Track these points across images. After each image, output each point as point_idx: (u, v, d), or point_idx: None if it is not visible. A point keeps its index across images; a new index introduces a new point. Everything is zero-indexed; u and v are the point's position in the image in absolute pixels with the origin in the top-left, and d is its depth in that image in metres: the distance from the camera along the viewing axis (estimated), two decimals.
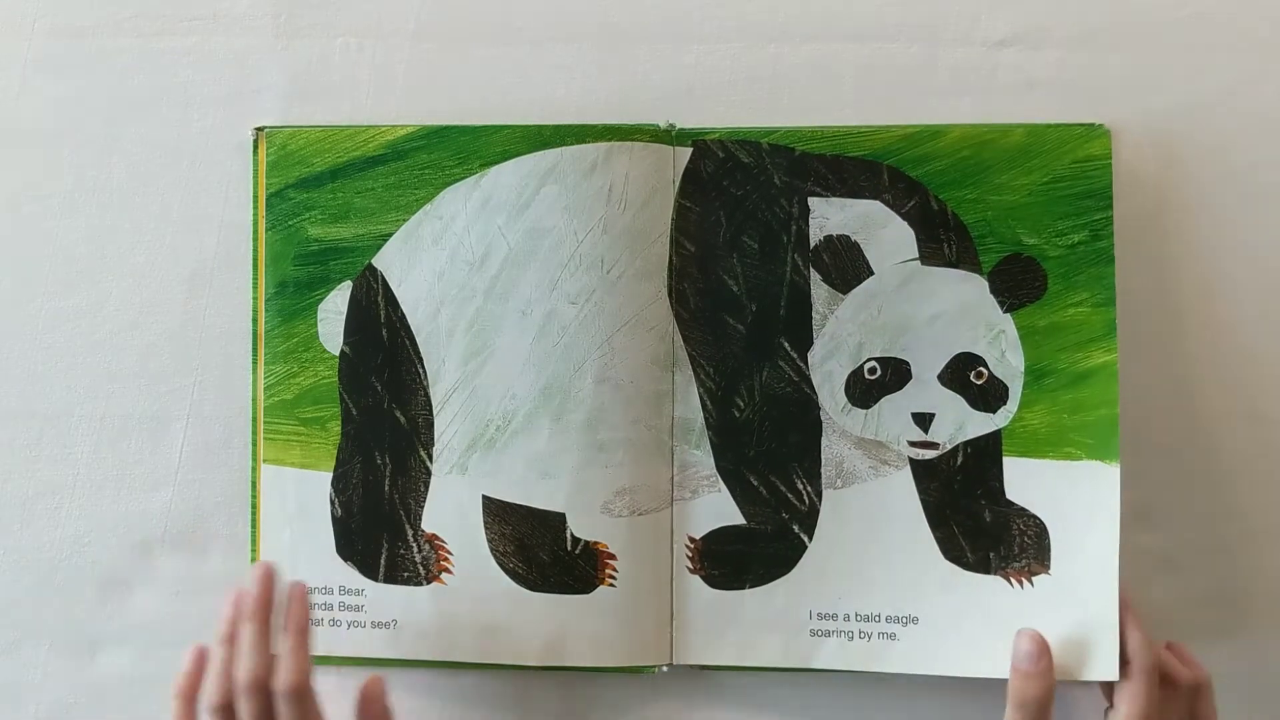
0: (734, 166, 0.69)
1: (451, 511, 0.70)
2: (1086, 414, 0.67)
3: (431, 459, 0.70)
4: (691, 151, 0.69)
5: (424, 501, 0.70)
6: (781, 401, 0.69)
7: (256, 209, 0.71)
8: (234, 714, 0.62)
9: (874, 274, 0.68)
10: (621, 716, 0.72)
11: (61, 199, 0.73)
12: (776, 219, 0.69)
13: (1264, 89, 0.71)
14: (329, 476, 0.71)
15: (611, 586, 0.69)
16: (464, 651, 0.70)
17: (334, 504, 0.71)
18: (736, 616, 0.69)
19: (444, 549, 0.70)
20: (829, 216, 0.68)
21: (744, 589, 0.69)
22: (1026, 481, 0.67)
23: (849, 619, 0.69)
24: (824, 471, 0.69)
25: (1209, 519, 0.71)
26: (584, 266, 0.69)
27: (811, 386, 0.69)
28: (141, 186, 0.73)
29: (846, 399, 0.69)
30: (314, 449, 0.71)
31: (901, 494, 0.68)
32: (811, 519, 0.69)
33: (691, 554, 0.70)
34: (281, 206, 0.71)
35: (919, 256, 0.68)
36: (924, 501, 0.68)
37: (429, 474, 0.70)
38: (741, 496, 0.69)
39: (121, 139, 0.73)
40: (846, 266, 0.69)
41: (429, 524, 0.70)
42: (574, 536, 0.69)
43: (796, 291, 0.69)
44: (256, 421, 0.71)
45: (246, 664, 0.62)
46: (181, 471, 0.73)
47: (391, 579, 0.70)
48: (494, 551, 0.70)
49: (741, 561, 0.69)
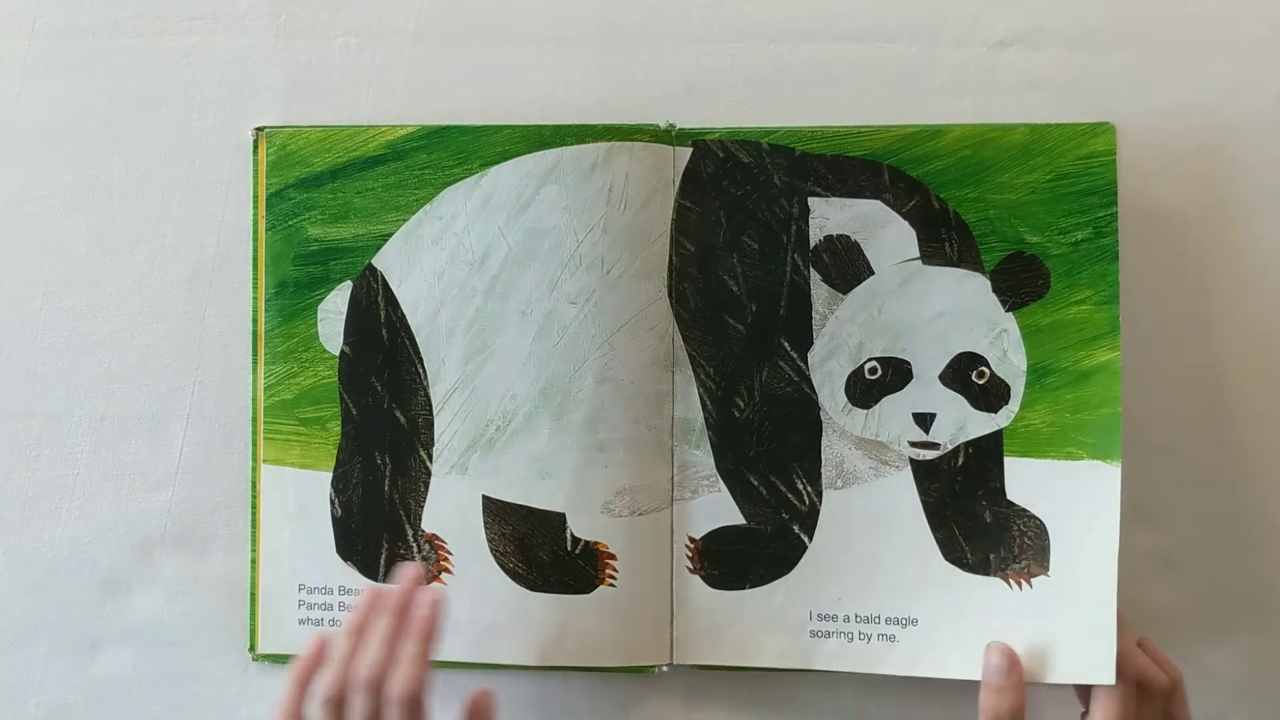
0: (734, 166, 0.69)
1: (451, 511, 0.70)
2: (1088, 413, 0.66)
3: (431, 459, 0.70)
4: (691, 151, 0.69)
5: (424, 501, 0.70)
6: (781, 401, 0.69)
7: (256, 209, 0.71)
8: (344, 711, 0.60)
9: (874, 273, 0.68)
10: (621, 716, 0.72)
11: (61, 199, 0.74)
12: (776, 219, 0.69)
13: (1264, 88, 0.71)
14: (329, 476, 0.71)
15: (611, 586, 0.69)
16: (464, 651, 0.70)
17: (334, 504, 0.71)
18: (736, 616, 0.69)
19: (444, 549, 0.70)
20: (829, 216, 0.68)
21: (744, 589, 0.69)
22: (1027, 482, 0.67)
23: (849, 620, 0.68)
24: (824, 472, 0.69)
25: (1210, 518, 0.71)
26: (584, 266, 0.69)
27: (812, 386, 0.69)
28: (141, 186, 0.73)
29: (847, 399, 0.68)
30: (314, 449, 0.71)
31: (902, 495, 0.68)
32: (811, 519, 0.69)
33: (691, 554, 0.70)
34: (281, 206, 0.71)
35: (920, 256, 0.68)
36: (924, 502, 0.68)
37: (429, 474, 0.70)
38: (741, 496, 0.69)
39: (121, 139, 0.73)
40: (846, 266, 0.68)
41: (429, 524, 0.70)
42: (574, 536, 0.69)
43: (796, 291, 0.69)
44: (256, 421, 0.71)
45: (371, 659, 0.60)
46: (181, 471, 0.73)
47: (392, 579, 0.70)
48: (494, 551, 0.70)
49: (741, 561, 0.69)
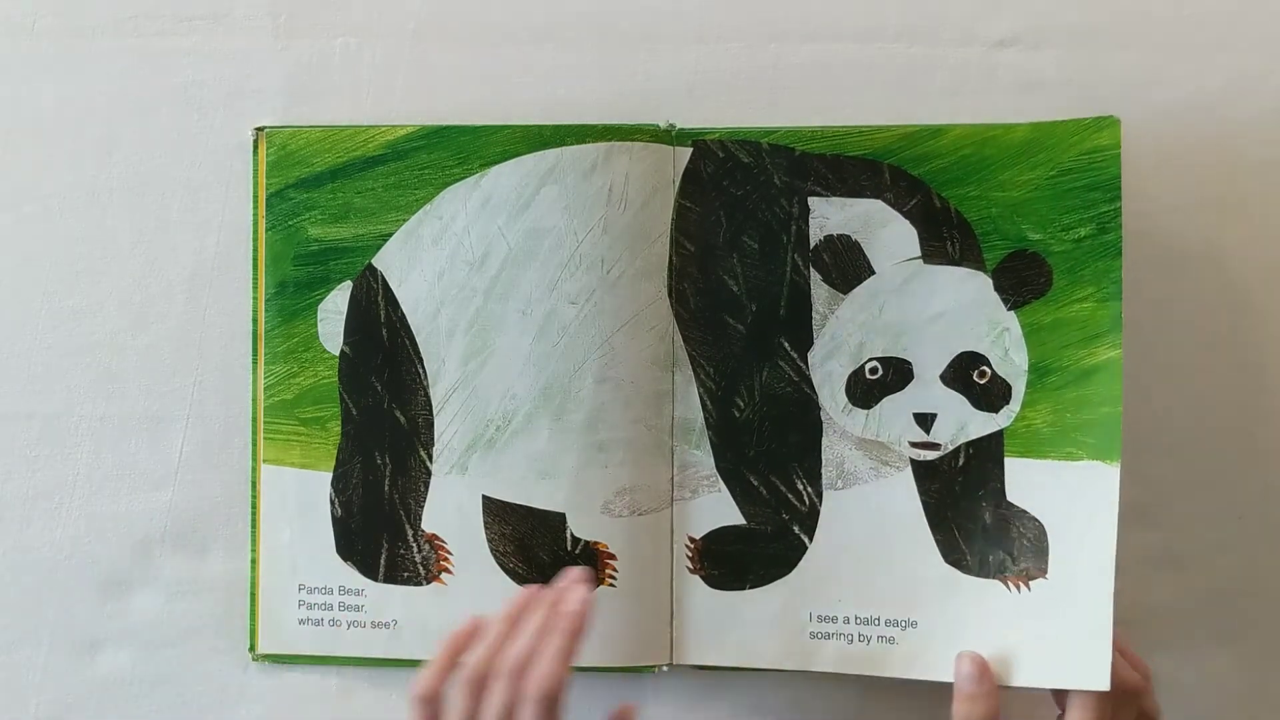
0: (734, 166, 0.69)
1: (451, 511, 0.70)
2: (1089, 412, 0.65)
3: (431, 459, 0.70)
4: (691, 151, 0.69)
5: (424, 501, 0.70)
6: (781, 401, 0.69)
7: (256, 209, 0.71)
8: (482, 697, 0.59)
9: (875, 273, 0.68)
10: None
11: (61, 199, 0.73)
12: (776, 219, 0.69)
13: (1265, 87, 0.71)
14: (329, 476, 0.71)
15: (611, 586, 0.69)
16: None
17: (334, 504, 0.71)
18: (736, 617, 0.69)
19: (444, 549, 0.70)
20: (829, 216, 0.68)
21: (744, 589, 0.69)
22: (1026, 482, 0.66)
23: (849, 621, 0.68)
24: (825, 472, 0.69)
25: (1210, 518, 0.71)
26: (584, 266, 0.69)
27: (812, 386, 0.69)
28: (141, 186, 0.73)
29: (847, 399, 0.68)
30: (314, 449, 0.71)
31: (902, 496, 0.68)
32: (812, 520, 0.69)
33: (691, 554, 0.70)
34: (281, 206, 0.71)
35: (921, 255, 0.68)
36: (925, 503, 0.68)
37: (429, 474, 0.70)
38: (741, 497, 0.69)
39: (121, 139, 0.73)
40: (847, 266, 0.68)
41: (429, 524, 0.70)
42: (574, 536, 0.69)
43: (796, 291, 0.69)
44: (256, 421, 0.71)
45: (518, 648, 0.59)
46: (181, 471, 0.73)
47: (391, 579, 0.70)
48: (494, 551, 0.70)
49: (741, 562, 0.69)
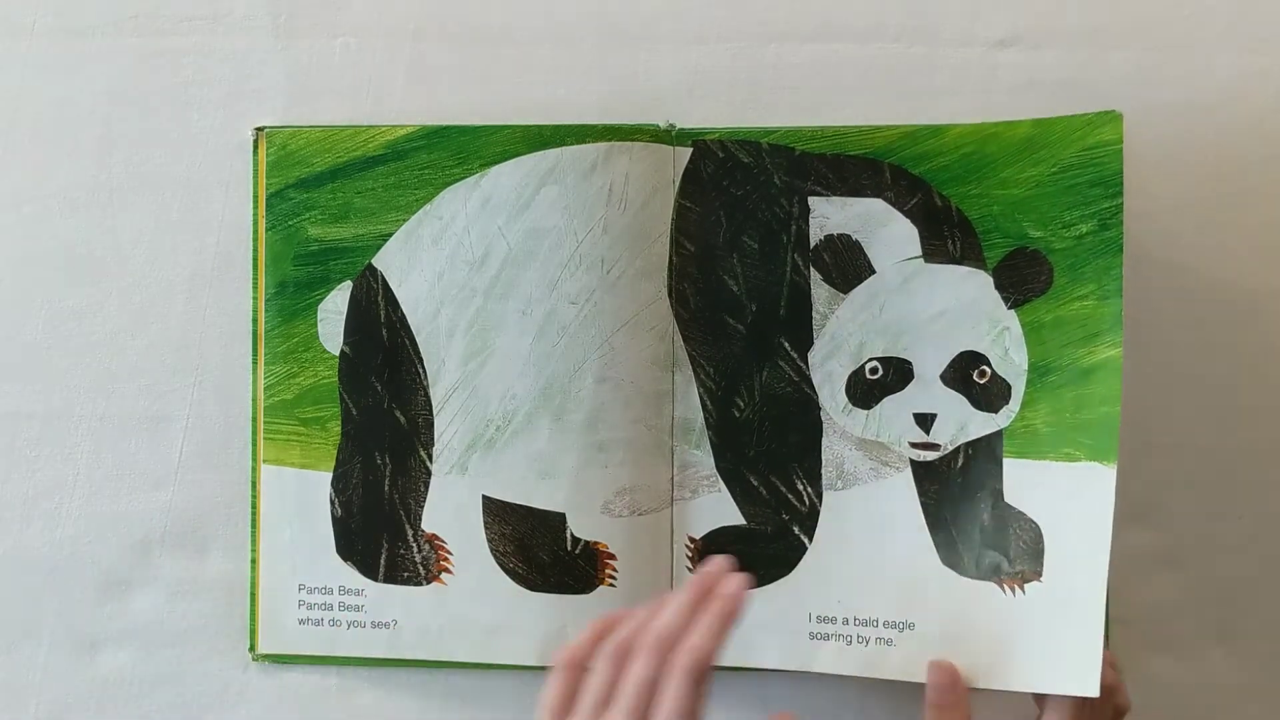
0: (734, 166, 0.69)
1: (451, 511, 0.70)
2: (1088, 412, 0.64)
3: (431, 459, 0.70)
4: (691, 151, 0.69)
5: (424, 501, 0.70)
6: (781, 401, 0.69)
7: (256, 209, 0.71)
8: (625, 668, 0.56)
9: (875, 273, 0.68)
10: None
11: (61, 199, 0.73)
12: (776, 219, 0.69)
13: (1266, 86, 0.71)
14: (329, 476, 0.71)
15: (611, 586, 0.69)
16: (464, 651, 0.70)
17: (334, 504, 0.71)
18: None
19: (444, 549, 0.70)
20: (829, 216, 0.68)
21: None
22: (1024, 484, 0.66)
23: (848, 623, 0.68)
24: (824, 472, 0.69)
25: (1210, 518, 0.71)
26: (584, 266, 0.69)
27: (812, 386, 0.69)
28: (141, 186, 0.73)
29: (847, 399, 0.68)
30: (314, 449, 0.71)
31: (902, 497, 0.68)
32: (811, 520, 0.69)
33: (691, 554, 0.70)
34: (281, 206, 0.71)
35: (922, 254, 0.68)
36: (924, 504, 0.68)
37: (429, 474, 0.70)
38: (741, 497, 0.69)
39: (121, 139, 0.73)
40: (847, 265, 0.68)
41: (429, 524, 0.70)
42: (574, 536, 0.69)
43: (796, 291, 0.69)
44: (256, 421, 0.71)
45: (671, 620, 0.57)
46: (181, 471, 0.73)
47: (391, 579, 0.70)
48: (494, 551, 0.70)
49: (741, 562, 0.69)
